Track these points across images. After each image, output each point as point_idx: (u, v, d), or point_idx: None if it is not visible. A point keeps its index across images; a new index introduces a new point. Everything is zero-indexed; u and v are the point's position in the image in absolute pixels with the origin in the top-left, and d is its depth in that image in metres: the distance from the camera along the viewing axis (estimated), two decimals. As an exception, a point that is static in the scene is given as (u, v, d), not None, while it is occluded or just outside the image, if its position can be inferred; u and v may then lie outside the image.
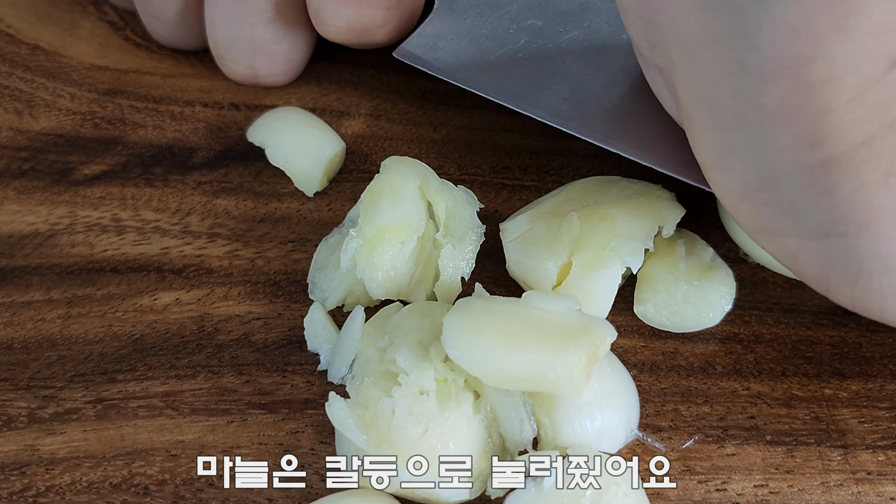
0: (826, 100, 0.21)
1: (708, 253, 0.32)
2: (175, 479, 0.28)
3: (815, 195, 0.23)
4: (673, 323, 0.31)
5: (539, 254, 0.30)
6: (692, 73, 0.24)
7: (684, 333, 0.31)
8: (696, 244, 0.32)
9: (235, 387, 0.30)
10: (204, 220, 0.34)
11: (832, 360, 0.30)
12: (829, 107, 0.21)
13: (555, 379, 0.25)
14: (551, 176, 0.35)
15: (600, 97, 0.32)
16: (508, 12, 0.35)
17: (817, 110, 0.21)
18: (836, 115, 0.21)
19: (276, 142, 0.35)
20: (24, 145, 0.37)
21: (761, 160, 0.23)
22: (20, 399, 0.30)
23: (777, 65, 0.21)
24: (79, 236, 0.34)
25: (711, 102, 0.24)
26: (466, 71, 0.34)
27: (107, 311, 0.32)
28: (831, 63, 0.20)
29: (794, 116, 0.21)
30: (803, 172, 0.23)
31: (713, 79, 0.23)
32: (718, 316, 0.31)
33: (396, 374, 0.27)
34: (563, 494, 0.25)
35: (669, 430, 0.29)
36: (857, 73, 0.20)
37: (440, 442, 0.26)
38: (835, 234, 0.24)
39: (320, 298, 0.31)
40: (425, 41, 0.35)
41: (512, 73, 0.33)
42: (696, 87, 0.24)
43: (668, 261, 0.31)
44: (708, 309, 0.31)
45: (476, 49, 0.34)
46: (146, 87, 0.39)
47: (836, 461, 0.28)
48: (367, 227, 0.30)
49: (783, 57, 0.21)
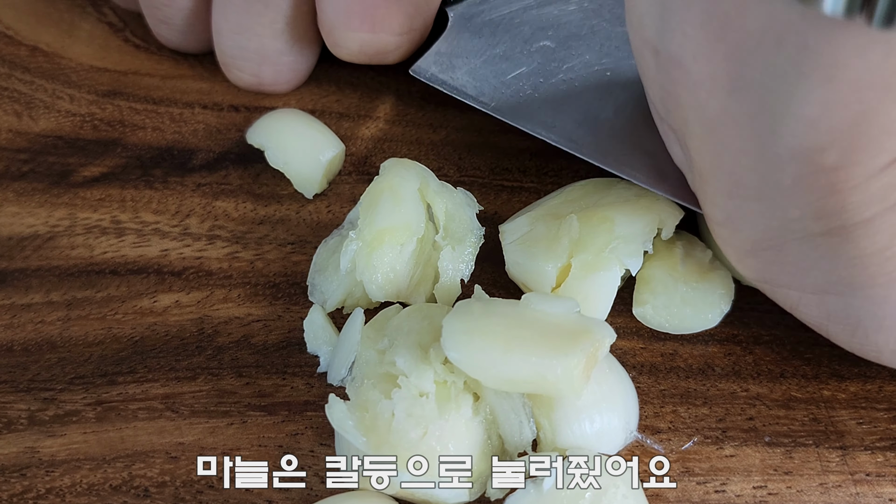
0: (834, 182, 0.22)
1: (707, 255, 0.32)
2: (175, 481, 0.28)
3: (818, 258, 0.25)
4: (672, 325, 0.31)
5: (538, 256, 0.30)
6: (709, 145, 0.25)
7: (683, 335, 0.31)
8: (694, 246, 0.32)
9: (235, 389, 0.30)
10: (203, 222, 0.34)
11: (831, 361, 0.30)
12: (837, 188, 0.23)
13: (554, 381, 0.25)
14: (551, 178, 0.35)
15: (613, 123, 0.32)
16: (521, 33, 0.35)
17: (826, 190, 0.23)
18: (842, 196, 0.23)
19: (275, 144, 0.35)
20: (23, 147, 0.37)
21: (770, 226, 0.25)
22: (20, 401, 0.30)
23: (794, 151, 0.22)
24: (78, 238, 0.34)
25: (727, 173, 0.25)
26: (481, 92, 0.34)
27: (106, 313, 0.32)
28: (843, 154, 0.22)
29: (805, 193, 0.23)
30: (809, 239, 0.24)
31: (731, 153, 0.24)
32: (717, 317, 0.31)
33: (396, 377, 0.27)
34: (563, 495, 0.25)
35: (668, 431, 0.29)
36: (865, 164, 0.22)
37: (440, 444, 0.26)
38: (834, 293, 0.26)
39: (320, 300, 0.31)
40: (441, 59, 0.35)
41: (528, 96, 0.33)
42: (712, 157, 0.25)
43: (666, 263, 0.31)
44: (706, 310, 0.31)
45: (491, 70, 0.34)
46: (145, 88, 0.39)
47: (834, 462, 0.28)
48: (366, 229, 0.30)
49: (801, 145, 0.22)
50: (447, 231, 0.31)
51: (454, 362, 0.25)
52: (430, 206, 0.31)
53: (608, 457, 0.26)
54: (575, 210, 0.31)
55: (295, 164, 0.34)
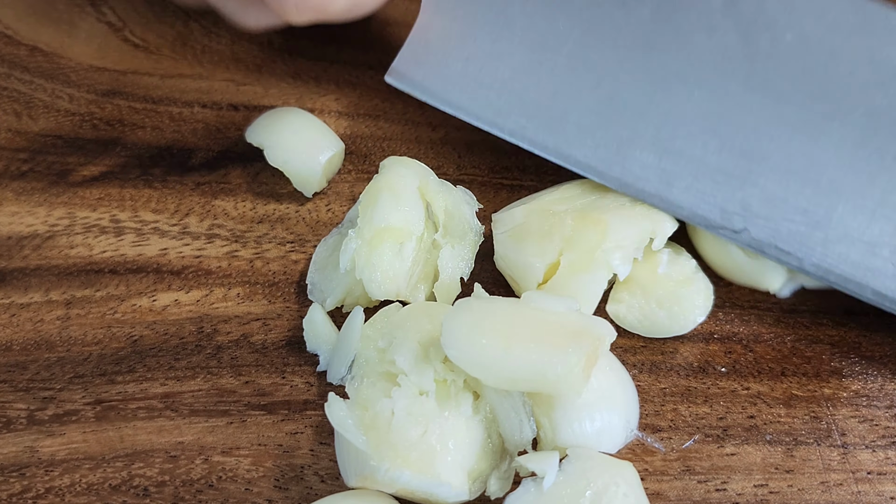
0: None
1: (690, 265, 0.31)
2: (175, 481, 0.28)
3: None
4: (643, 326, 0.30)
5: (528, 250, 0.30)
6: None
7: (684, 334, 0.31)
8: (680, 254, 0.32)
9: (234, 388, 0.30)
10: (203, 221, 0.34)
11: (831, 359, 0.30)
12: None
13: (554, 379, 0.24)
14: (550, 176, 0.35)
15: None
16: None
17: None
18: None
19: (274, 142, 0.35)
20: (22, 147, 0.37)
21: None
22: (19, 401, 0.30)
23: None
24: (77, 237, 0.34)
25: None
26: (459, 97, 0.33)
27: (105, 312, 0.32)
28: None
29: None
30: None
31: None
32: (689, 326, 0.30)
33: (396, 375, 0.27)
34: (563, 494, 0.25)
35: (669, 430, 0.29)
36: None
37: (439, 442, 0.26)
38: None
39: (319, 299, 0.31)
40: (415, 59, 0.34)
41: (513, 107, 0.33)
42: None
43: (648, 265, 0.31)
44: (681, 317, 0.30)
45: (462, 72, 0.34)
46: (145, 87, 0.39)
47: (835, 461, 0.28)
48: (366, 228, 0.30)
49: None
50: (447, 229, 0.31)
51: (454, 361, 0.25)
52: (429, 204, 0.31)
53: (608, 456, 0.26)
54: (570, 208, 0.31)
55: (294, 163, 0.34)
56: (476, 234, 0.31)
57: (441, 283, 0.30)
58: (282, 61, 0.39)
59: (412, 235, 0.30)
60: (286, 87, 0.39)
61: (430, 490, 0.26)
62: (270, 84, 0.39)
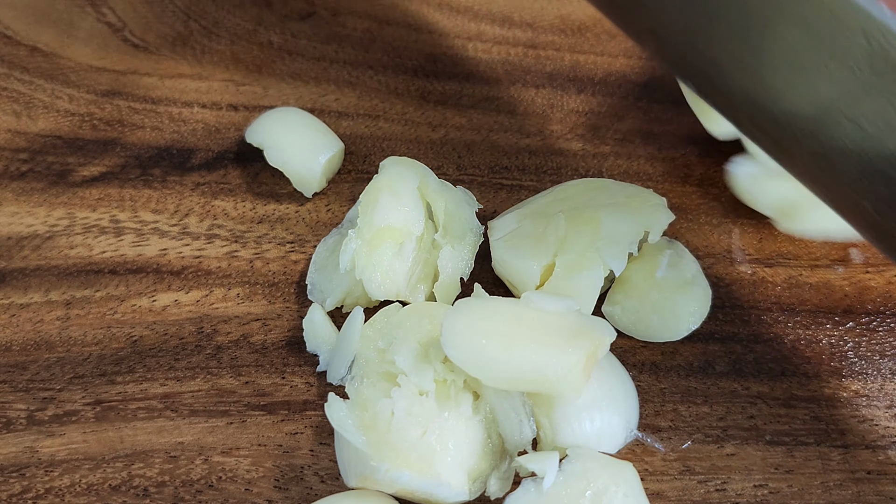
0: None
1: (691, 269, 0.31)
2: (174, 481, 0.28)
3: None
4: (637, 329, 0.30)
5: (524, 253, 0.30)
6: None
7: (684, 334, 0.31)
8: (682, 257, 0.31)
9: (234, 388, 0.30)
10: (202, 221, 0.34)
11: (831, 359, 0.30)
12: None
13: (554, 379, 0.24)
14: (549, 176, 0.35)
15: None
16: None
17: None
18: None
19: (274, 142, 0.35)
20: (22, 147, 0.37)
21: None
22: (19, 401, 0.30)
23: None
24: (77, 238, 0.34)
25: None
26: None
27: (105, 312, 0.32)
28: None
29: None
30: None
31: None
32: (682, 332, 0.30)
33: (396, 375, 0.27)
34: (563, 494, 0.25)
35: (669, 430, 0.29)
36: None
37: (439, 443, 0.26)
38: None
39: (319, 299, 0.31)
40: None
41: None
42: None
43: (647, 267, 0.31)
44: (674, 322, 0.30)
45: None
46: (144, 88, 0.39)
47: (835, 461, 0.28)
48: (365, 228, 0.30)
49: None
50: (447, 229, 0.31)
51: (454, 361, 0.25)
52: (429, 204, 0.31)
53: (608, 457, 0.26)
54: (564, 209, 0.31)
55: (294, 163, 0.34)
56: (476, 234, 0.31)
57: (441, 284, 0.30)
58: (282, 61, 0.39)
59: (412, 235, 0.30)
60: (286, 87, 0.39)
61: (429, 490, 0.26)
62: (270, 84, 0.39)
